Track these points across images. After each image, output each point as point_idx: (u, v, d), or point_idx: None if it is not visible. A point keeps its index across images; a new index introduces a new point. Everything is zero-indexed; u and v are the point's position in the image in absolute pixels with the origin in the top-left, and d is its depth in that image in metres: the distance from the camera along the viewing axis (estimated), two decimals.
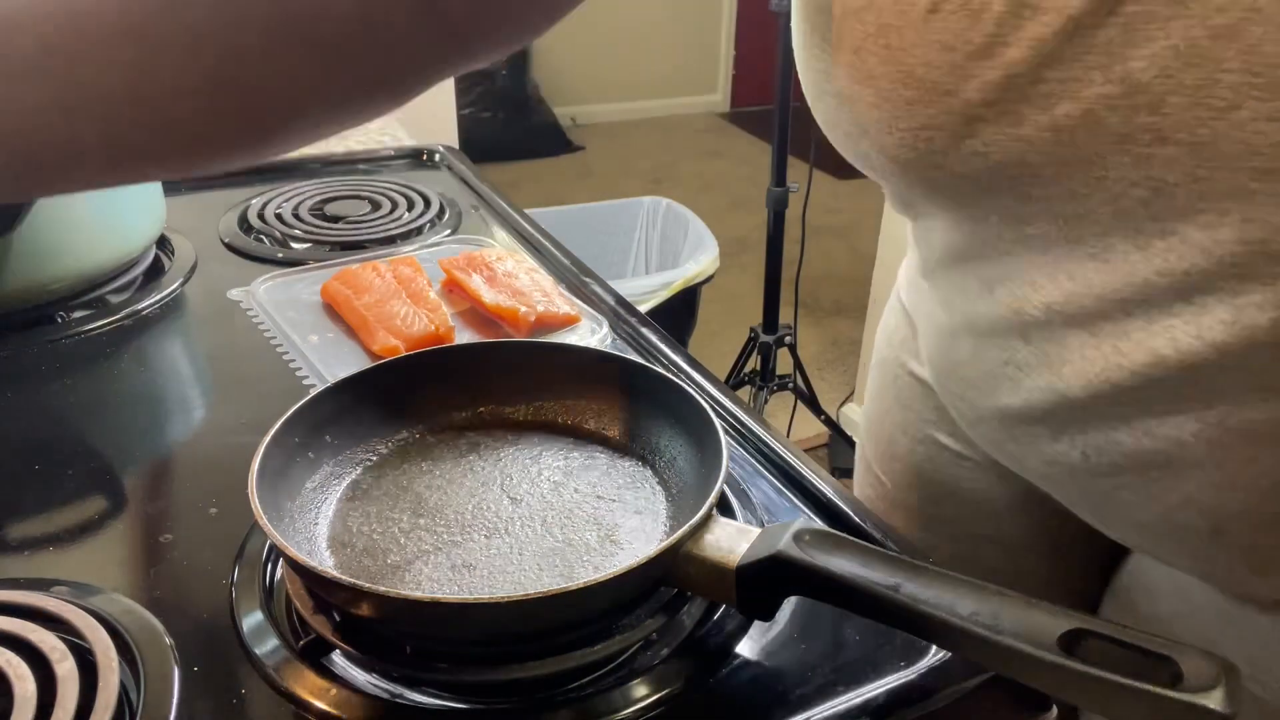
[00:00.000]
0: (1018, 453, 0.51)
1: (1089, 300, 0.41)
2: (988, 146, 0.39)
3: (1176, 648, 0.33)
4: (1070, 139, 0.37)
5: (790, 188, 1.93)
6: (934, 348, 0.57)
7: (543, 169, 3.96)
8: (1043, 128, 0.37)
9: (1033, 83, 0.37)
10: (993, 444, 0.55)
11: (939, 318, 0.55)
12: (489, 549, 0.46)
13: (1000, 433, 0.52)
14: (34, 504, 0.54)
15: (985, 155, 0.40)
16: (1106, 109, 0.36)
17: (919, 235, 0.55)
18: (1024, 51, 0.36)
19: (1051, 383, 0.45)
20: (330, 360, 0.66)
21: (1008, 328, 0.46)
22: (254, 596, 0.46)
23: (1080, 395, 0.43)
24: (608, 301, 0.75)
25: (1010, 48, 0.37)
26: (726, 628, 0.45)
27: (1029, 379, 0.46)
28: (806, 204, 2.01)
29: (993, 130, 0.39)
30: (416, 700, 0.42)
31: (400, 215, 0.91)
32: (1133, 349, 0.40)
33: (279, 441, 0.47)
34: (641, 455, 0.53)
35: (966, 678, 0.43)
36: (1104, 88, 0.35)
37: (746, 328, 2.08)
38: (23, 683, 0.39)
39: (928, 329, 0.58)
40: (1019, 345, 0.46)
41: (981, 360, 0.50)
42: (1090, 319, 0.41)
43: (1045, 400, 0.46)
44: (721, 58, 4.70)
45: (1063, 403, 0.45)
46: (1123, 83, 0.35)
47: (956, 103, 0.39)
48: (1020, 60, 0.37)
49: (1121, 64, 0.35)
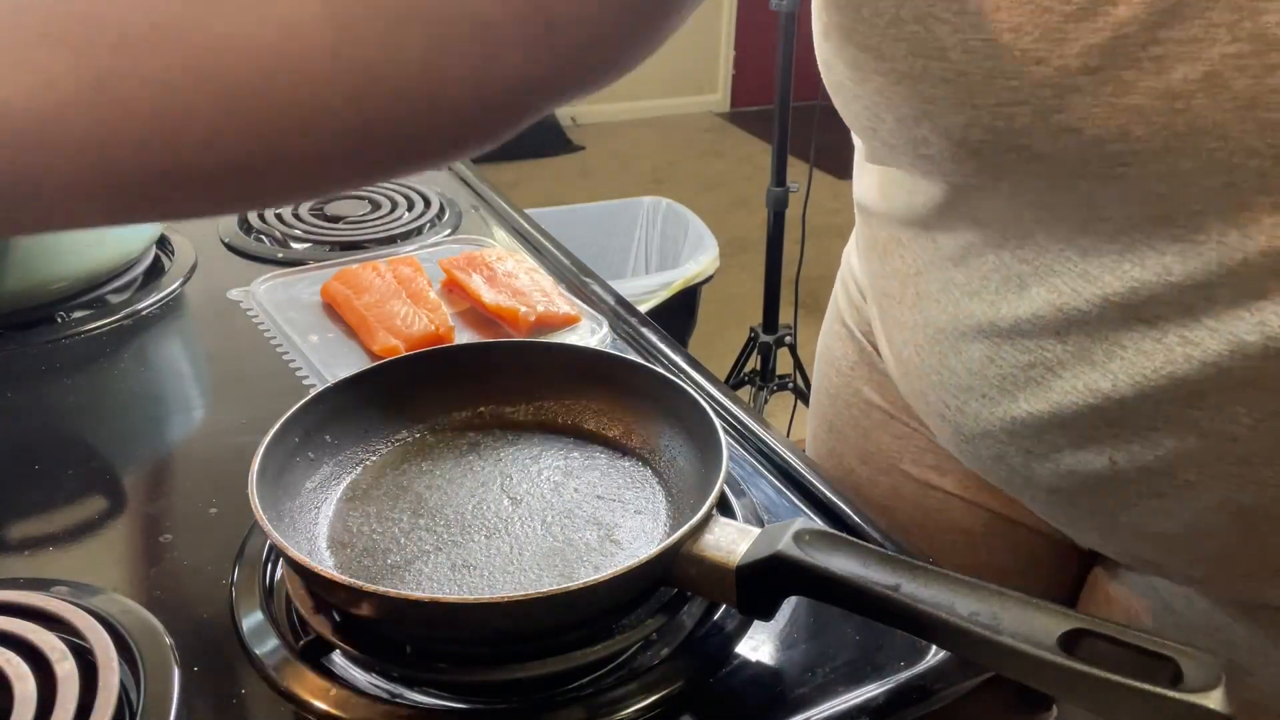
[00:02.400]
0: (1024, 467, 0.48)
1: (1161, 288, 0.38)
2: (1083, 121, 0.35)
3: (1176, 648, 0.33)
4: (1186, 106, 0.33)
5: (790, 188, 1.92)
6: (920, 361, 0.52)
7: (543, 169, 3.96)
8: (1154, 95, 0.33)
9: (1145, 45, 0.33)
10: (989, 461, 0.51)
11: (934, 325, 0.50)
12: (489, 549, 0.46)
13: (1005, 446, 0.48)
14: (34, 504, 0.54)
15: (1078, 132, 0.35)
16: (1234, 70, 0.32)
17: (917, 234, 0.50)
18: (1136, 9, 0.32)
19: (1093, 382, 0.42)
20: (330, 360, 0.66)
21: (1040, 326, 0.43)
22: (254, 596, 0.46)
23: (1128, 393, 0.40)
24: (608, 301, 0.75)
25: (1119, 6, 0.33)
26: (726, 628, 0.45)
27: (1061, 380, 0.43)
28: (806, 204, 2.01)
29: (1090, 102, 0.34)
30: (416, 700, 0.42)
31: (400, 215, 0.91)
32: (1207, 337, 0.37)
33: (279, 441, 0.47)
34: (641, 455, 0.53)
35: (966, 678, 0.43)
36: (1231, 46, 0.32)
37: (746, 328, 2.08)
38: (23, 683, 0.39)
39: (907, 342, 0.53)
40: (1051, 344, 0.43)
41: (996, 365, 0.46)
42: (1156, 308, 0.38)
43: (1079, 402, 0.43)
44: (721, 58, 4.70)
45: (1101, 404, 0.42)
46: (1254, 39, 0.31)
47: (1049, 72, 0.35)
48: (1131, 19, 0.33)
49: (1253, 18, 0.31)
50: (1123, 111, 0.34)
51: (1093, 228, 0.39)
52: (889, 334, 0.57)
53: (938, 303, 0.49)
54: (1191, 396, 0.39)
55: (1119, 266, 0.39)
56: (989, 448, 0.50)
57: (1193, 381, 0.38)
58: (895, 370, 0.57)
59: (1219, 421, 0.39)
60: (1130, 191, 0.37)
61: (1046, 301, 0.42)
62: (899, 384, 0.57)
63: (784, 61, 1.80)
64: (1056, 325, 0.42)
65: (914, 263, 0.51)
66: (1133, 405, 0.41)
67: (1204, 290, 0.37)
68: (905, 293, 0.52)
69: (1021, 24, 0.34)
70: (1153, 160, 0.35)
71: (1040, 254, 0.42)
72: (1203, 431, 0.40)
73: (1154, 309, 0.38)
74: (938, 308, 0.50)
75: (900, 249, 0.52)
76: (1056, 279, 0.42)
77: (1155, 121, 0.34)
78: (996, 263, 0.44)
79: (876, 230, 0.56)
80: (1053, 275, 0.42)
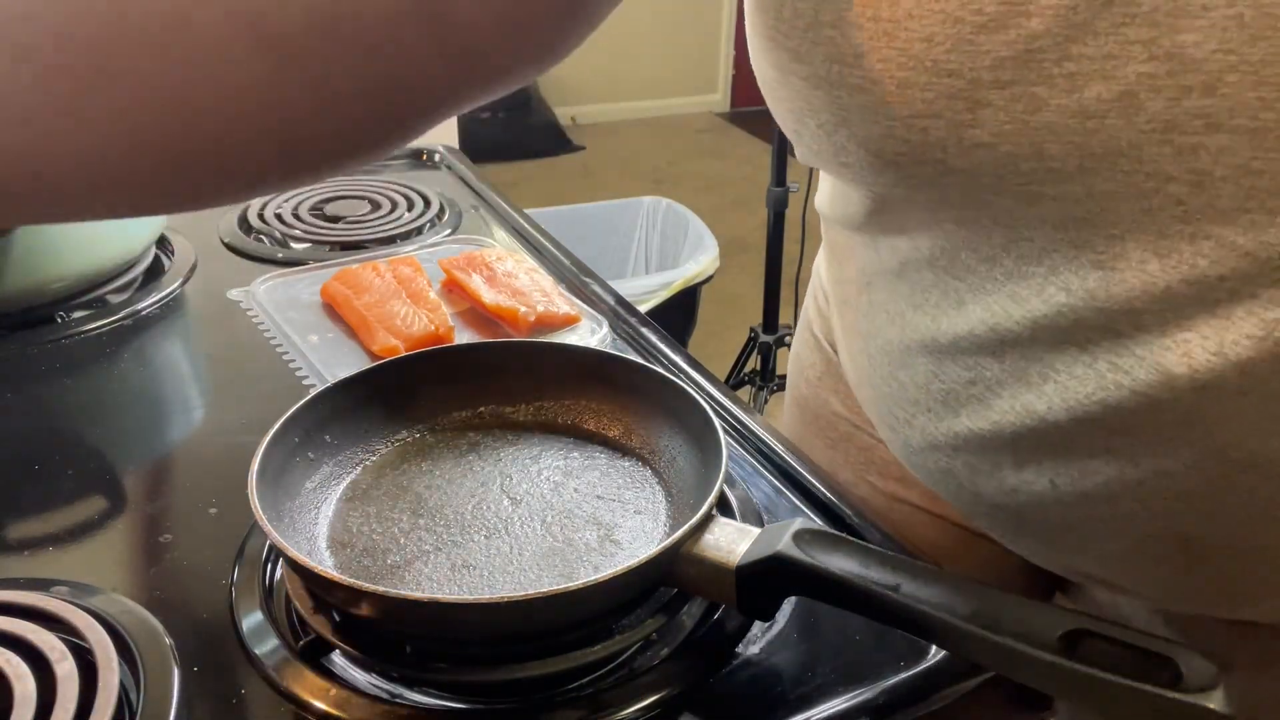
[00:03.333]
0: (970, 483, 0.47)
1: (1087, 313, 0.37)
2: (996, 137, 0.34)
3: (1176, 648, 0.33)
4: (1099, 126, 0.32)
5: (790, 188, 1.92)
6: (871, 371, 0.51)
7: (543, 169, 3.96)
8: (1067, 113, 0.32)
9: (1058, 60, 0.32)
10: (937, 474, 0.50)
11: (883, 336, 0.49)
12: (489, 549, 0.46)
13: (952, 460, 0.47)
14: (34, 504, 0.54)
15: (992, 147, 0.35)
16: (1149, 91, 0.31)
17: (864, 242, 0.49)
18: (1049, 22, 0.32)
19: (1029, 404, 0.41)
20: (330, 360, 0.66)
21: (977, 345, 0.42)
22: (254, 596, 0.46)
23: (1061, 418, 0.40)
24: (608, 301, 0.75)
25: (1032, 18, 0.32)
26: (726, 628, 0.45)
27: (999, 400, 0.42)
28: (806, 204, 2.00)
29: (1003, 117, 0.34)
30: (416, 700, 0.42)
31: (400, 215, 0.91)
32: (1135, 366, 0.36)
33: (279, 441, 0.47)
34: (641, 455, 0.53)
35: (966, 678, 0.43)
36: (1146, 65, 0.31)
37: (746, 328, 2.08)
38: (23, 683, 0.39)
39: (861, 350, 0.52)
40: (989, 363, 0.42)
41: (940, 380, 0.45)
42: (1084, 333, 0.37)
43: (1017, 423, 0.42)
44: (721, 58, 4.70)
45: (1039, 426, 0.41)
46: (1170, 59, 0.30)
47: (961, 84, 0.34)
48: (1043, 32, 0.32)
49: (1170, 36, 0.30)
50: (1036, 129, 0.33)
51: (1015, 249, 0.38)
52: (847, 341, 0.56)
53: (886, 313, 0.48)
54: (1125, 426, 0.38)
55: (1044, 290, 0.38)
56: (935, 461, 0.49)
57: (1126, 411, 0.37)
58: (852, 378, 0.57)
59: (1154, 455, 0.38)
60: (1049, 212, 0.36)
61: (981, 320, 0.41)
62: (855, 392, 0.57)
63: None
64: (992, 345, 0.41)
65: (864, 270, 0.50)
66: (1068, 430, 0.40)
67: (1130, 317, 0.36)
68: (860, 300, 0.52)
69: (933, 34, 0.34)
70: (1068, 181, 0.34)
71: (969, 272, 0.41)
72: (1138, 463, 0.38)
73: (1083, 333, 0.38)
74: (886, 318, 0.49)
75: (852, 255, 0.52)
76: (989, 298, 0.41)
77: (1069, 140, 0.33)
78: (933, 278, 0.44)
79: (834, 235, 0.56)
80: (985, 294, 0.41)
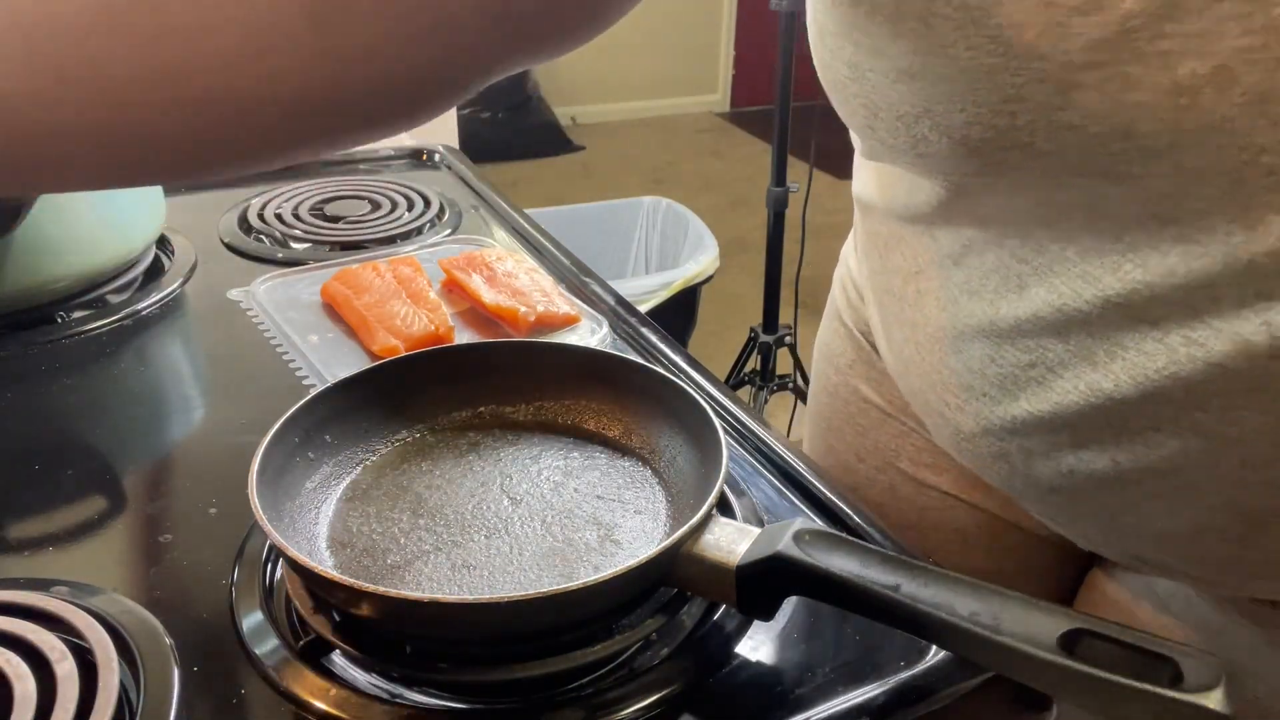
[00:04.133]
0: (1024, 466, 0.47)
1: (1164, 289, 0.37)
2: (1086, 119, 0.34)
3: (1176, 648, 0.33)
4: (1193, 103, 0.32)
5: (790, 188, 1.93)
6: (919, 360, 0.52)
7: (543, 169, 3.96)
8: (1160, 91, 0.32)
9: (1152, 39, 0.32)
10: (989, 459, 0.50)
11: (934, 324, 0.49)
12: (489, 549, 0.46)
13: (1006, 445, 0.48)
14: (34, 504, 0.54)
15: (1082, 129, 0.35)
16: (1245, 64, 0.31)
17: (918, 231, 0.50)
18: (1143, 2, 0.32)
19: (1094, 382, 0.41)
20: (330, 360, 0.66)
21: (1040, 326, 0.42)
22: (254, 596, 0.46)
23: (1130, 394, 0.40)
24: (608, 301, 0.75)
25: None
26: (726, 628, 0.45)
27: (1061, 380, 0.42)
28: (806, 204, 2.01)
29: (1095, 98, 0.34)
30: (416, 700, 0.42)
31: (400, 215, 0.91)
32: (1211, 338, 0.36)
33: (279, 441, 0.47)
34: (641, 455, 0.53)
35: (966, 678, 0.43)
36: (1241, 39, 0.31)
37: (746, 328, 2.08)
38: (23, 683, 0.39)
39: (907, 340, 0.53)
40: (1052, 344, 0.42)
41: (996, 365, 0.46)
42: (1159, 309, 0.38)
43: (1080, 402, 0.42)
44: (721, 58, 4.70)
45: (1104, 404, 0.41)
46: (1266, 32, 0.30)
47: (1051, 67, 0.34)
48: (1138, 12, 0.32)
49: (1265, 11, 0.30)
50: (1127, 108, 0.33)
51: (1095, 226, 0.39)
52: (888, 331, 0.56)
53: (938, 301, 0.49)
54: (1195, 398, 0.38)
55: (1120, 267, 0.38)
56: (989, 446, 0.49)
57: (1196, 382, 0.38)
58: (894, 368, 0.57)
59: (1223, 423, 0.38)
60: (1134, 190, 0.36)
61: (1046, 302, 0.42)
62: (898, 382, 0.57)
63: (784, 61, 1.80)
64: (1057, 325, 0.42)
65: (914, 260, 0.50)
66: (1135, 406, 0.40)
67: (1208, 290, 0.36)
68: (906, 290, 0.52)
69: (1025, 19, 0.34)
70: (1157, 158, 0.34)
71: (1039, 253, 0.41)
72: (1206, 433, 0.39)
73: (1157, 309, 0.38)
74: (938, 306, 0.49)
75: (901, 245, 0.52)
76: (1056, 279, 0.41)
77: (1161, 118, 0.33)
78: (996, 262, 0.44)
79: (877, 226, 0.55)
80: (1052, 275, 0.41)
